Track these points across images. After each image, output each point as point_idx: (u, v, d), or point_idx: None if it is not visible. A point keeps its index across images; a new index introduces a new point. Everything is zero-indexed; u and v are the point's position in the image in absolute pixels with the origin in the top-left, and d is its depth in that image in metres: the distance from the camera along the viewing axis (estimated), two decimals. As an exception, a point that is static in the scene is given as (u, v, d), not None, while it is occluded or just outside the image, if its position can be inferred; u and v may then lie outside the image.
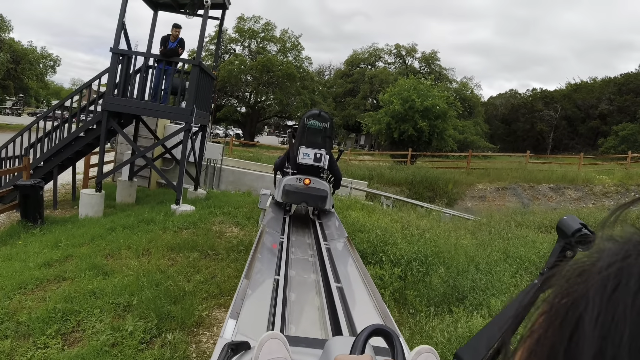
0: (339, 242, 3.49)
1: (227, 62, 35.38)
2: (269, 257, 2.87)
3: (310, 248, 3.59)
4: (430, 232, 6.35)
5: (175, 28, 8.77)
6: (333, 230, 4.20)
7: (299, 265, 3.07)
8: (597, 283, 0.29)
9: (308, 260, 3.23)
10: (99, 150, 9.71)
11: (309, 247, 3.61)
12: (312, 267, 3.12)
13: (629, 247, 0.30)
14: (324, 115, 4.96)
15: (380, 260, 4.74)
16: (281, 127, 59.61)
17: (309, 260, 3.24)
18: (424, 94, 22.93)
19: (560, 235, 1.01)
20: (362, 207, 8.98)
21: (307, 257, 3.32)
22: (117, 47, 8.85)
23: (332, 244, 3.40)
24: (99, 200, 9.34)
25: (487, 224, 8.97)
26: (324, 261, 2.98)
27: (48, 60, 43.49)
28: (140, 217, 7.81)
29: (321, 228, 4.11)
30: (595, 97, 44.40)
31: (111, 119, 8.98)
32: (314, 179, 4.65)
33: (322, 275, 2.82)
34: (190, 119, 8.29)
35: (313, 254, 3.42)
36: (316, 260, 3.25)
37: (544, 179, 20.43)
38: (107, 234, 7.21)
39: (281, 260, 2.91)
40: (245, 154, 21.81)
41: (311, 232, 4.28)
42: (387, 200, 13.74)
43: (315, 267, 3.07)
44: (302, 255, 3.38)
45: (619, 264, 0.29)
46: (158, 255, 5.82)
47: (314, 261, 3.25)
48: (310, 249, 3.59)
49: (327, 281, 2.62)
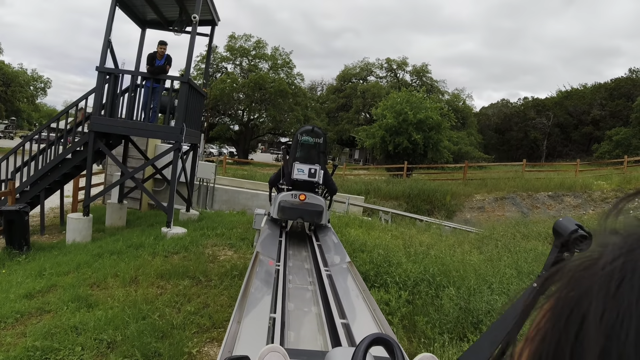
0: (341, 267, 3.16)
1: (219, 80, 35.30)
2: (263, 289, 2.54)
3: (310, 274, 3.26)
4: (435, 249, 6.02)
5: (161, 45, 8.52)
6: (332, 250, 3.89)
7: (297, 296, 2.74)
8: (601, 279, 0.28)
9: (308, 290, 2.90)
10: (84, 174, 9.38)
11: (308, 274, 3.28)
12: (312, 297, 2.79)
13: (633, 240, 0.29)
14: (317, 131, 4.96)
15: (384, 283, 4.39)
16: (275, 144, 59.45)
17: (309, 290, 2.91)
18: (416, 106, 22.82)
19: (557, 237, 1.01)
20: (361, 223, 8.66)
21: (307, 286, 2.99)
22: (103, 65, 8.58)
23: (333, 270, 3.08)
24: (86, 225, 8.96)
25: (490, 236, 8.66)
26: (325, 292, 2.65)
27: (39, 82, 43.37)
28: (129, 241, 7.44)
29: (320, 250, 3.78)
30: (586, 103, 44.66)
31: (98, 140, 8.66)
32: (309, 195, 4.64)
33: (324, 309, 2.49)
34: (180, 138, 7.99)
35: (313, 281, 3.09)
36: (316, 288, 2.92)
37: (542, 187, 20.23)
38: (94, 260, 6.83)
39: (277, 292, 2.58)
40: (239, 172, 21.48)
41: (309, 254, 3.96)
42: (385, 215, 13.42)
43: (316, 298, 2.74)
44: (300, 283, 3.06)
45: (623, 258, 0.28)
46: (146, 283, 5.46)
47: (314, 290, 2.92)
48: (309, 275, 3.26)
49: (331, 317, 2.29)
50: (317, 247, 3.87)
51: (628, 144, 35.87)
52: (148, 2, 9.41)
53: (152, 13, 10.07)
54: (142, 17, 10.45)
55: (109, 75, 8.65)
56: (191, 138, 9.08)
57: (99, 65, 8.58)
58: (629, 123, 38.01)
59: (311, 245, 4.17)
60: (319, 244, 3.89)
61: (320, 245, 3.82)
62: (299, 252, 3.90)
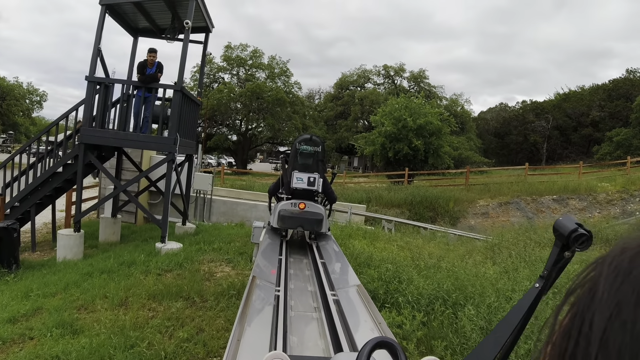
0: (350, 290, 2.78)
1: (215, 90, 35.05)
2: (261, 321, 2.17)
3: (314, 298, 2.88)
4: (446, 261, 5.64)
5: (150, 53, 8.19)
6: (336, 267, 3.52)
7: (300, 326, 2.37)
8: (607, 272, 0.30)
9: (312, 318, 2.52)
10: (77, 187, 9.02)
11: (312, 297, 2.90)
12: (317, 326, 2.42)
13: None
14: (315, 139, 4.99)
15: (395, 302, 4.00)
16: (274, 154, 59.14)
17: (314, 318, 2.54)
18: (416, 112, 22.51)
19: (557, 237, 1.01)
20: (365, 234, 8.27)
21: (311, 313, 2.61)
22: (93, 75, 8.25)
23: (341, 294, 2.69)
24: (78, 241, 8.58)
25: (500, 244, 8.28)
26: (333, 322, 2.28)
27: (34, 95, 43.11)
28: (121, 258, 7.06)
29: (324, 269, 3.41)
30: (585, 105, 44.48)
31: (89, 152, 8.30)
32: (308, 203, 4.66)
33: (333, 343, 2.12)
34: (173, 149, 7.63)
35: (317, 306, 2.71)
36: (322, 315, 2.55)
37: (546, 191, 19.88)
38: (83, 280, 6.44)
39: (277, 323, 2.21)
40: (238, 182, 21.11)
41: (312, 272, 3.58)
42: (388, 223, 13.03)
43: (322, 328, 2.37)
44: (303, 309, 2.68)
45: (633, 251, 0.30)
46: (136, 305, 5.07)
47: (319, 317, 2.54)
48: (313, 299, 2.88)
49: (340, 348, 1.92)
50: (320, 265, 3.49)
51: (629, 144, 35.59)
52: (139, 10, 9.11)
53: (144, 21, 9.77)
54: (134, 26, 10.15)
55: (99, 84, 8.32)
56: (186, 149, 8.73)
57: (88, 75, 8.26)
58: (629, 124, 37.74)
59: (314, 264, 3.79)
60: (323, 261, 3.51)
61: (324, 263, 3.44)
62: (300, 270, 3.52)
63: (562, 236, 0.98)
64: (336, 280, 3.01)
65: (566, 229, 0.98)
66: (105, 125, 8.47)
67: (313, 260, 3.84)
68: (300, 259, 3.99)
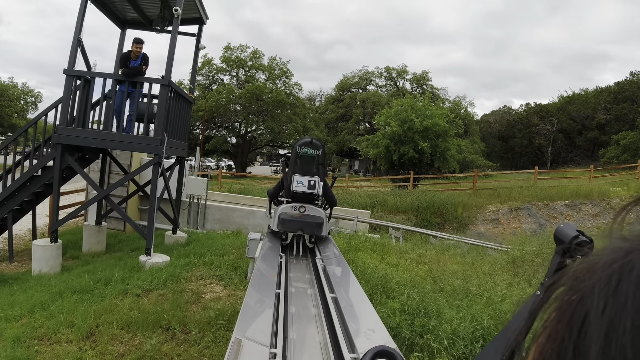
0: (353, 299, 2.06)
1: (215, 91, 34.22)
2: None
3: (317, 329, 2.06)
4: (473, 282, 4.79)
5: (136, 44, 7.36)
6: (349, 303, 2.75)
7: None
8: (602, 279, 0.30)
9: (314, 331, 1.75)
10: (64, 191, 8.19)
11: (321, 349, 2.07)
12: None
13: (633, 244, 0.31)
14: (316, 143, 5.02)
15: (427, 346, 3.14)
16: (274, 156, 58.31)
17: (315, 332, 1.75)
18: (422, 113, 21.68)
19: (558, 244, 1.00)
20: (374, 246, 7.40)
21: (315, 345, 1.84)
22: (72, 68, 7.43)
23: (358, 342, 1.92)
24: (54, 253, 7.74)
25: (522, 257, 7.43)
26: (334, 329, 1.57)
27: (29, 96, 42.30)
28: (99, 274, 6.20)
29: (339, 314, 2.59)
30: (590, 107, 43.73)
31: (67, 154, 7.47)
32: (309, 207, 4.68)
33: None
34: (159, 150, 6.79)
35: (323, 341, 1.93)
36: None
37: (557, 196, 19.05)
38: (52, 301, 5.59)
39: None
40: (236, 186, 20.24)
41: (317, 300, 2.77)
42: (395, 232, 12.16)
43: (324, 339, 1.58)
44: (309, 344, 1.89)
45: (622, 260, 0.30)
46: (107, 336, 4.22)
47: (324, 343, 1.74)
48: (317, 330, 2.07)
49: None
50: (331, 300, 2.63)
51: (636, 147, 34.74)
52: (126, -2, 8.31)
53: (132, 11, 8.96)
54: (122, 17, 9.34)
55: (79, 79, 7.50)
56: (175, 150, 7.90)
57: (67, 68, 7.44)
58: (635, 126, 36.93)
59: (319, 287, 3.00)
60: (334, 296, 2.67)
61: (337, 302, 2.57)
62: (305, 309, 2.67)
63: (563, 243, 0.98)
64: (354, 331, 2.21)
65: (567, 236, 0.98)
66: (87, 124, 7.65)
67: (324, 305, 3.12)
68: (304, 299, 3.21)
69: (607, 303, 0.28)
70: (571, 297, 0.31)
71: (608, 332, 0.27)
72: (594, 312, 0.29)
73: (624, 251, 0.30)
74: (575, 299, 0.31)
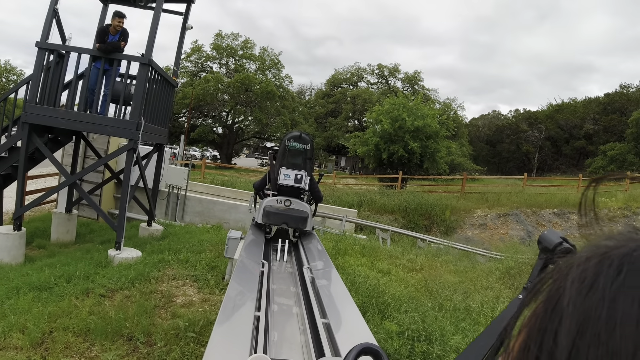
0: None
1: (203, 79, 33.35)
2: None
3: None
4: (476, 300, 4.37)
5: (118, 17, 6.72)
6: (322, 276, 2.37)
7: None
8: (583, 271, 0.32)
9: None
10: (33, 175, 7.55)
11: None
12: None
13: (616, 242, 0.33)
14: (304, 137, 5.04)
15: (432, 381, 2.73)
16: (260, 149, 57.52)
17: None
18: (414, 112, 21.29)
19: (542, 250, 1.01)
20: (363, 250, 6.94)
21: None
22: (45, 41, 6.78)
23: None
24: (17, 242, 7.10)
25: (518, 268, 7.07)
26: None
27: (11, 74, 40.85)
28: (61, 269, 5.62)
29: None
30: (579, 117, 44.01)
31: (35, 134, 6.83)
32: (294, 201, 4.69)
33: None
34: (135, 135, 6.21)
35: None
36: None
37: (546, 204, 18.88)
38: (7, 298, 5.00)
39: None
40: (220, 177, 19.61)
41: (305, 324, 2.30)
42: (383, 233, 11.74)
43: None
44: None
45: (601, 256, 0.32)
46: (60, 345, 3.68)
47: None
48: None
49: None
50: (322, 327, 2.16)
51: (623, 159, 35.02)
52: (108, -31, 7.67)
53: (115, -16, 8.31)
54: (104, -10, 8.67)
55: (52, 53, 6.86)
56: (154, 136, 7.31)
57: (39, 41, 6.78)
58: (623, 138, 37.22)
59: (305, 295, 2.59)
60: (326, 322, 2.23)
61: (329, 329, 2.13)
62: (291, 335, 2.20)
63: (546, 249, 0.99)
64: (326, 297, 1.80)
65: (551, 242, 0.99)
66: (58, 103, 7.01)
67: None
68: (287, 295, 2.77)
69: (586, 294, 0.30)
70: (556, 287, 0.33)
71: (584, 321, 0.29)
72: (572, 302, 0.30)
73: (606, 248, 0.32)
74: (559, 289, 0.32)
